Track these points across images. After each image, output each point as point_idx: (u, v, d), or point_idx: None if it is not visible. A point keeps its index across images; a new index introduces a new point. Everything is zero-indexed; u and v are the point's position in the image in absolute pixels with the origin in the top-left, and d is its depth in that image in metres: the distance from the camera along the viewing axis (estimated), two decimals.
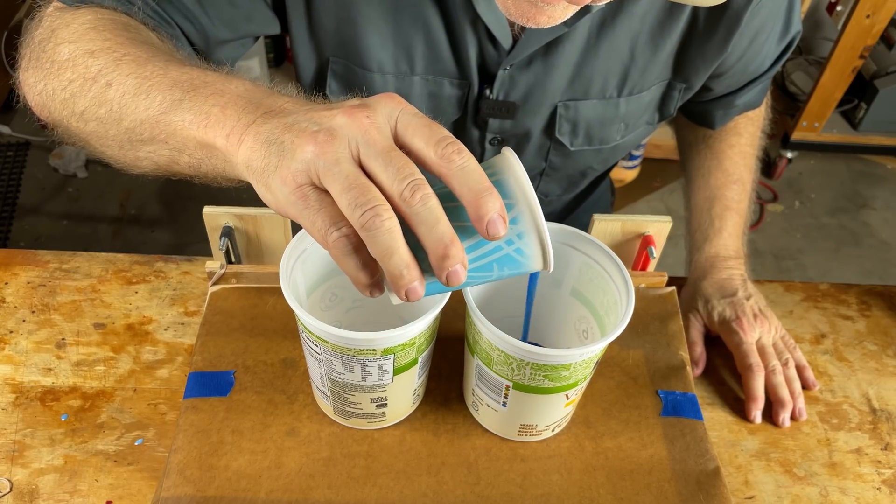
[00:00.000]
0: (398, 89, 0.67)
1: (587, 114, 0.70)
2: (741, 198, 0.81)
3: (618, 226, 0.68)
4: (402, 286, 0.37)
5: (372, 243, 0.36)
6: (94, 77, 0.49)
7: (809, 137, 2.15)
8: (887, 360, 0.74)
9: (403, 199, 0.36)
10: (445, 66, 0.66)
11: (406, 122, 0.38)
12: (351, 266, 0.37)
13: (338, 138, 0.36)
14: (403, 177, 0.36)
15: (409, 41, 0.65)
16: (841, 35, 1.89)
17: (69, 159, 2.06)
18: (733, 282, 0.74)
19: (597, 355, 0.52)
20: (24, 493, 0.58)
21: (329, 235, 0.36)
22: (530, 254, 0.40)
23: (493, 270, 0.40)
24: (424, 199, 0.36)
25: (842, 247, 2.06)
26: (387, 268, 0.36)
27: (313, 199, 0.37)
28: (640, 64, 0.67)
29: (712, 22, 0.65)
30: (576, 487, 0.56)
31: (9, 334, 0.69)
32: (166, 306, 0.72)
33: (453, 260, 0.36)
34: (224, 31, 0.64)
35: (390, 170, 0.36)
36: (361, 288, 0.38)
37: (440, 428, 0.60)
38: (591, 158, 0.76)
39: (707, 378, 0.71)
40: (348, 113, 0.37)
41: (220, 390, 0.60)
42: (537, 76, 0.66)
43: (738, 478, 0.63)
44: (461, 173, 0.37)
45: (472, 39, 0.64)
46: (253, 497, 0.54)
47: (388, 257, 0.36)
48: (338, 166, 0.36)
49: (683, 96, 0.73)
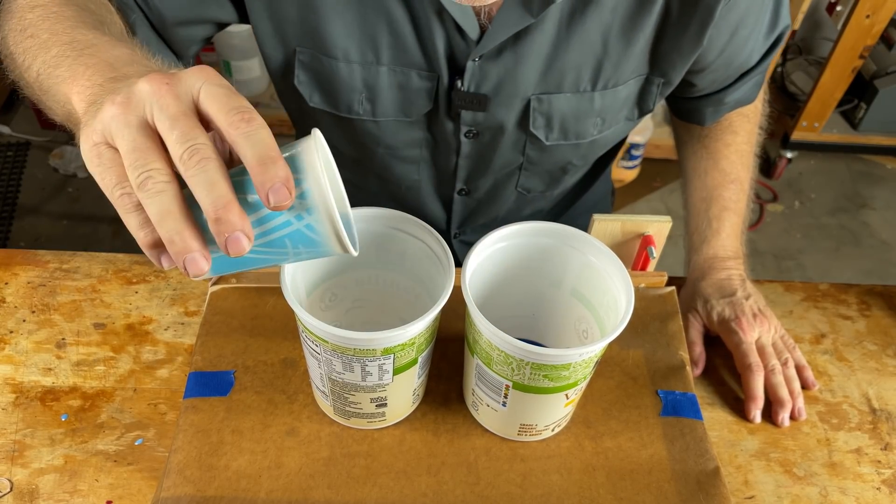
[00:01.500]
0: (365, 79, 0.67)
1: (561, 107, 0.70)
2: (739, 197, 0.81)
3: (618, 226, 0.68)
4: (177, 253, 0.36)
5: (146, 204, 0.36)
6: (24, 28, 0.54)
7: (809, 137, 2.15)
8: (887, 360, 0.74)
9: (183, 161, 0.36)
10: (412, 58, 0.66)
11: (207, 92, 0.38)
12: (132, 224, 0.37)
13: (133, 102, 0.37)
14: (185, 140, 0.36)
15: (373, 31, 0.64)
16: (841, 35, 1.89)
17: (69, 159, 2.06)
18: (732, 282, 0.74)
19: (597, 355, 0.52)
20: (24, 493, 0.58)
21: (114, 191, 0.37)
22: (323, 231, 0.39)
23: (288, 247, 0.39)
24: (203, 163, 0.36)
25: (842, 247, 2.06)
26: (161, 233, 0.36)
27: (106, 157, 0.38)
28: (614, 57, 0.67)
29: (686, 15, 0.65)
30: (576, 487, 0.56)
31: (9, 334, 0.69)
32: (166, 306, 0.72)
33: (229, 225, 0.35)
34: (174, 12, 0.65)
35: (175, 133, 0.36)
36: (146, 250, 0.38)
37: (440, 428, 0.60)
38: (569, 153, 0.76)
39: (707, 378, 0.71)
40: (150, 79, 0.38)
41: (220, 390, 0.60)
42: (507, 68, 0.66)
43: (738, 478, 0.63)
44: (247, 140, 0.36)
45: (440, 31, 0.64)
46: (253, 497, 0.54)
47: (161, 221, 0.36)
48: (127, 128, 0.37)
49: (663, 91, 0.72)
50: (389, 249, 0.57)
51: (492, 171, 0.77)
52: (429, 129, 0.73)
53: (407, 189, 0.81)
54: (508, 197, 0.82)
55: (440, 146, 0.75)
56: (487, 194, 0.82)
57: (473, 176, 0.78)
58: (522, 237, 0.57)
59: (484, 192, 0.81)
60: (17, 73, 0.55)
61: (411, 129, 0.73)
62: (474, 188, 0.81)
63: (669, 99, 0.84)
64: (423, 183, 0.80)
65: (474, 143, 0.73)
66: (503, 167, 0.77)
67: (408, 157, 0.76)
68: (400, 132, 0.73)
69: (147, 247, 0.38)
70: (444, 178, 0.79)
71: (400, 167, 0.77)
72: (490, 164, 0.76)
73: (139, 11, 0.64)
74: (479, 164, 0.76)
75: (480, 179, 0.79)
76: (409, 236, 0.56)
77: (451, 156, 0.75)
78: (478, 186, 0.80)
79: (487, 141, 0.73)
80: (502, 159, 0.76)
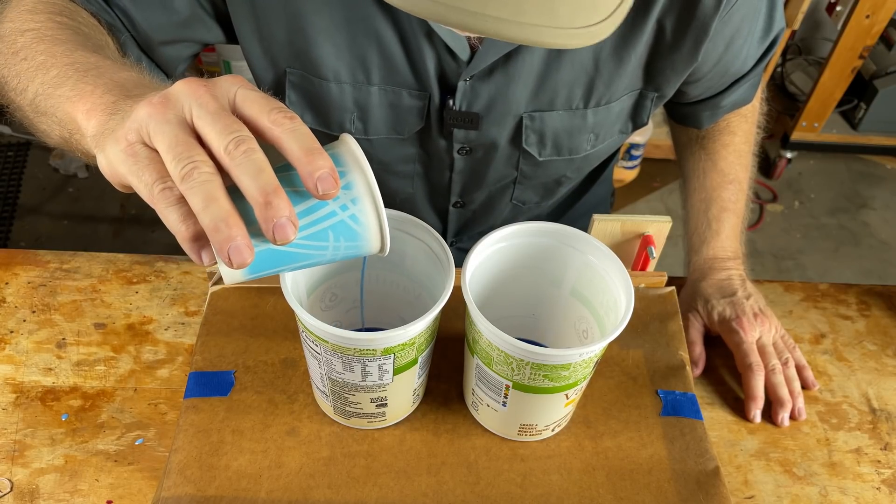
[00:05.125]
0: (356, 99, 0.67)
1: (554, 125, 0.70)
2: (738, 198, 0.81)
3: (618, 226, 0.68)
4: (222, 242, 0.35)
5: (190, 194, 0.36)
6: (16, 52, 0.54)
7: (809, 137, 2.15)
8: (887, 360, 0.74)
9: (228, 151, 0.36)
10: (403, 78, 0.66)
11: (244, 96, 0.39)
12: (174, 218, 0.37)
13: (171, 101, 0.38)
14: (230, 131, 0.36)
15: (363, 52, 0.64)
16: (841, 35, 1.89)
17: (69, 159, 2.05)
18: (732, 282, 0.75)
19: (597, 355, 0.52)
20: (24, 492, 0.58)
21: (154, 188, 0.37)
22: (366, 222, 0.40)
23: (329, 240, 0.40)
24: (248, 152, 0.36)
25: (841, 247, 2.06)
26: (204, 221, 0.35)
27: (143, 155, 0.38)
28: (606, 76, 0.66)
29: (680, 32, 0.64)
30: (576, 487, 0.56)
31: (9, 334, 0.69)
32: (167, 306, 0.72)
33: (277, 210, 0.35)
34: (159, 33, 0.65)
35: (217, 126, 0.37)
36: (186, 245, 0.37)
37: (440, 428, 0.60)
38: (563, 167, 0.76)
39: (707, 378, 0.71)
40: (187, 82, 0.38)
41: (221, 390, 0.60)
42: (499, 87, 0.66)
43: (738, 477, 0.63)
44: (292, 134, 0.37)
45: (430, 52, 0.63)
46: (253, 497, 0.54)
47: (206, 208, 0.35)
48: (167, 125, 0.37)
49: (656, 104, 0.72)
50: (389, 249, 0.57)
51: (486, 184, 0.77)
52: (421, 145, 0.73)
53: (402, 202, 0.80)
54: (504, 208, 0.82)
55: (433, 162, 0.75)
56: (483, 206, 0.82)
57: (468, 189, 0.78)
58: (522, 237, 0.57)
59: (479, 205, 0.81)
60: (9, 97, 0.55)
61: (404, 146, 0.72)
62: (469, 201, 0.80)
63: (665, 105, 0.84)
64: (417, 196, 0.80)
65: (467, 160, 0.73)
66: (497, 181, 0.77)
67: (401, 172, 0.76)
68: (393, 149, 0.72)
69: (188, 240, 0.37)
70: (439, 192, 0.79)
71: (394, 182, 0.77)
72: (484, 178, 0.76)
73: (126, 32, 0.64)
74: (473, 179, 0.76)
75: (475, 193, 0.79)
76: (409, 236, 0.56)
77: (444, 171, 0.75)
78: (473, 199, 0.80)
79: (481, 157, 0.73)
80: (496, 174, 0.76)
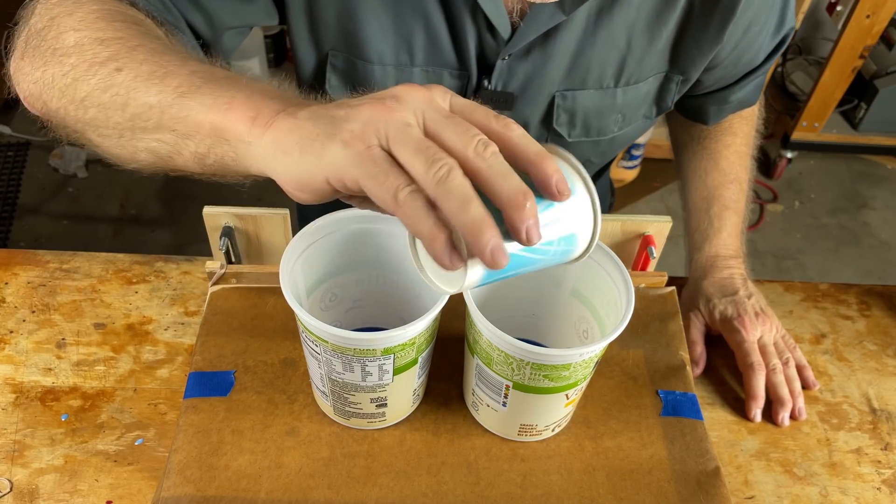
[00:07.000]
0: (398, 81, 0.68)
1: (584, 103, 0.71)
2: (739, 197, 0.81)
3: (618, 226, 0.68)
4: (484, 243, 0.34)
5: (448, 197, 0.34)
6: (103, 62, 0.48)
7: (809, 137, 2.14)
8: (887, 360, 0.74)
9: (477, 153, 0.35)
10: (445, 58, 0.67)
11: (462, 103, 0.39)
12: (427, 224, 0.35)
13: (405, 103, 0.37)
14: (473, 134, 0.36)
15: (409, 32, 0.65)
16: (841, 35, 1.89)
17: (69, 159, 2.05)
18: (734, 281, 0.75)
19: (597, 355, 0.52)
20: (24, 493, 0.58)
21: (401, 192, 0.35)
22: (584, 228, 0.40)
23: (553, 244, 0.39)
24: (496, 155, 0.36)
25: (841, 247, 2.06)
26: (464, 222, 0.34)
27: (382, 160, 0.36)
28: (637, 53, 0.68)
29: (708, 11, 0.66)
30: (576, 487, 0.56)
31: (9, 334, 0.69)
32: (166, 306, 0.72)
33: (530, 211, 0.35)
34: (229, 16, 0.64)
35: (459, 129, 0.36)
36: (439, 252, 0.35)
37: (440, 428, 0.60)
38: (589, 150, 0.77)
39: (707, 378, 0.71)
40: (411, 87, 0.38)
41: (221, 390, 0.60)
42: (535, 66, 0.67)
43: (738, 478, 0.63)
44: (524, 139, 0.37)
45: (472, 30, 0.64)
46: (253, 497, 0.54)
47: (465, 210, 0.34)
48: (409, 128, 0.36)
49: (681, 89, 0.73)
50: (389, 249, 0.57)
51: None
52: None
53: None
54: None
55: None
56: None
57: None
58: None
59: None
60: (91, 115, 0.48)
61: None
62: None
63: None
64: None
65: None
66: None
67: None
68: None
69: (444, 244, 0.35)
70: None
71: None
72: None
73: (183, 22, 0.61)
74: None
75: None
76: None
77: None
78: None
79: None
80: None
